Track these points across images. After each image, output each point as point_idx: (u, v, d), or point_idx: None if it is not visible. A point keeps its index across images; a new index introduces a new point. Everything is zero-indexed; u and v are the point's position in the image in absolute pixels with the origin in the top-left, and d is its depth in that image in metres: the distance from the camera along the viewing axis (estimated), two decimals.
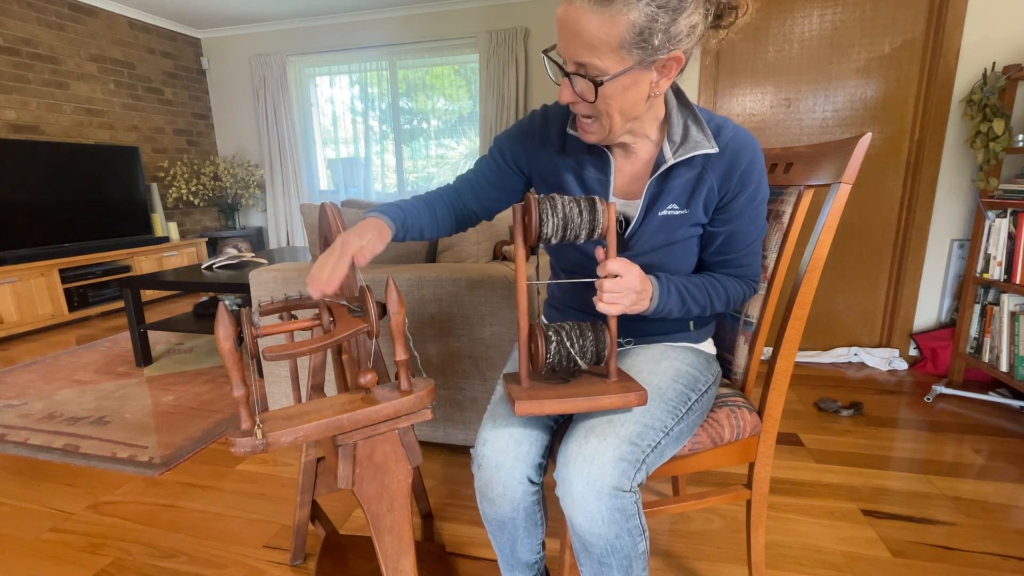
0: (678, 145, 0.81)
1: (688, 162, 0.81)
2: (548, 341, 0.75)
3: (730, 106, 2.44)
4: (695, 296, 0.83)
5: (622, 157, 0.87)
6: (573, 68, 0.72)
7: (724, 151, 0.80)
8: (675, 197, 0.82)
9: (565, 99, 0.76)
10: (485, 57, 4.05)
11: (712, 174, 0.81)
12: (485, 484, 0.84)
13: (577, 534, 0.76)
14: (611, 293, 0.73)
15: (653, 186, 0.83)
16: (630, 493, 0.72)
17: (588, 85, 0.72)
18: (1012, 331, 1.93)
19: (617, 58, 0.69)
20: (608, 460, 0.72)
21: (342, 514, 1.42)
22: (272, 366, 1.77)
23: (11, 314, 3.11)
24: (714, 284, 0.86)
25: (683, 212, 0.83)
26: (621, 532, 0.73)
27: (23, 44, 3.47)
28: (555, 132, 0.90)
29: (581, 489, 0.72)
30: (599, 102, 0.73)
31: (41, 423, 1.99)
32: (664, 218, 0.83)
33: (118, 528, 1.38)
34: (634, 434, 0.74)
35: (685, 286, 0.82)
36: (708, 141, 0.80)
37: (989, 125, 1.96)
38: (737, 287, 0.89)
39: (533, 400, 0.72)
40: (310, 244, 1.76)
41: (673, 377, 0.84)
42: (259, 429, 0.68)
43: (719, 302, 0.86)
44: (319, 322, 0.78)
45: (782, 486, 1.50)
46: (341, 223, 0.88)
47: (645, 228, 0.84)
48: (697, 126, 0.81)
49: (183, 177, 4.50)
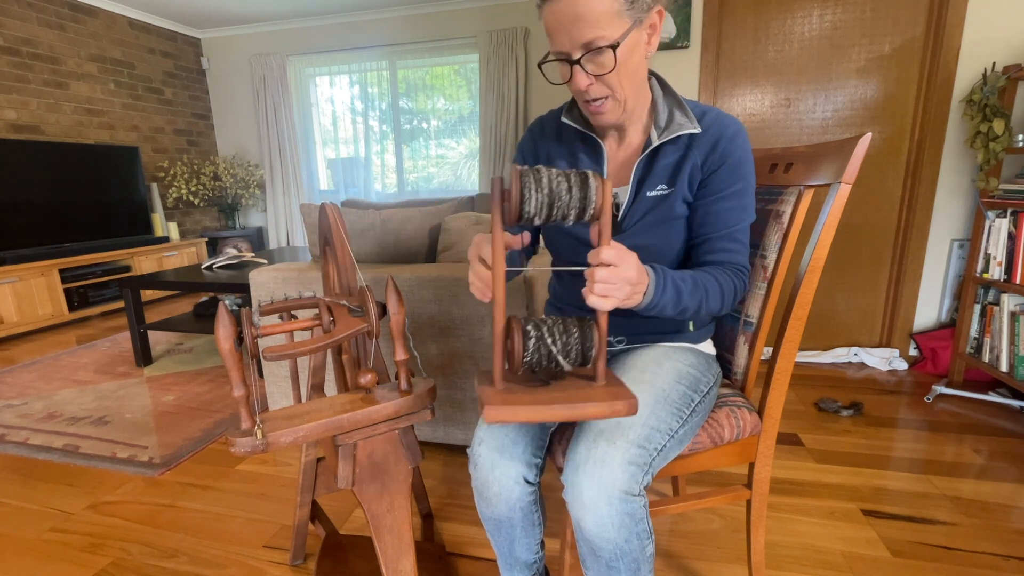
0: (664, 128, 0.85)
1: (674, 143, 0.85)
2: (527, 337, 0.66)
3: (730, 106, 2.44)
4: (691, 290, 0.77)
5: (614, 145, 0.90)
6: (580, 52, 0.75)
7: (707, 130, 0.84)
8: (662, 177, 0.85)
9: (583, 85, 0.77)
10: (485, 57, 4.06)
11: (696, 152, 0.84)
12: (481, 483, 0.84)
13: (586, 539, 0.75)
14: (603, 284, 0.64)
15: (641, 167, 0.86)
16: (639, 497, 0.72)
17: (604, 57, 0.75)
18: (1012, 331, 1.93)
19: (619, 23, 0.73)
20: (618, 464, 0.71)
21: (342, 514, 1.42)
22: (272, 366, 1.77)
23: (11, 314, 3.11)
24: (707, 277, 0.81)
25: (670, 191, 0.85)
26: (630, 536, 0.73)
27: (23, 44, 3.47)
28: (551, 128, 0.95)
29: (592, 494, 0.71)
30: (618, 69, 0.76)
31: (41, 423, 1.99)
32: (653, 199, 0.86)
33: (118, 528, 1.38)
34: (642, 437, 0.74)
35: (682, 278, 0.77)
36: (691, 123, 0.84)
37: (989, 125, 1.96)
38: (727, 278, 0.82)
39: (506, 406, 0.63)
40: (310, 244, 1.76)
41: (676, 379, 0.84)
42: (259, 429, 0.68)
43: (714, 297, 0.80)
44: (319, 322, 0.78)
45: (782, 486, 1.50)
46: (341, 223, 0.88)
47: (635, 210, 0.86)
48: (681, 111, 0.85)
49: (183, 177, 4.50)
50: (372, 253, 1.77)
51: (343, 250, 0.86)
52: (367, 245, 1.76)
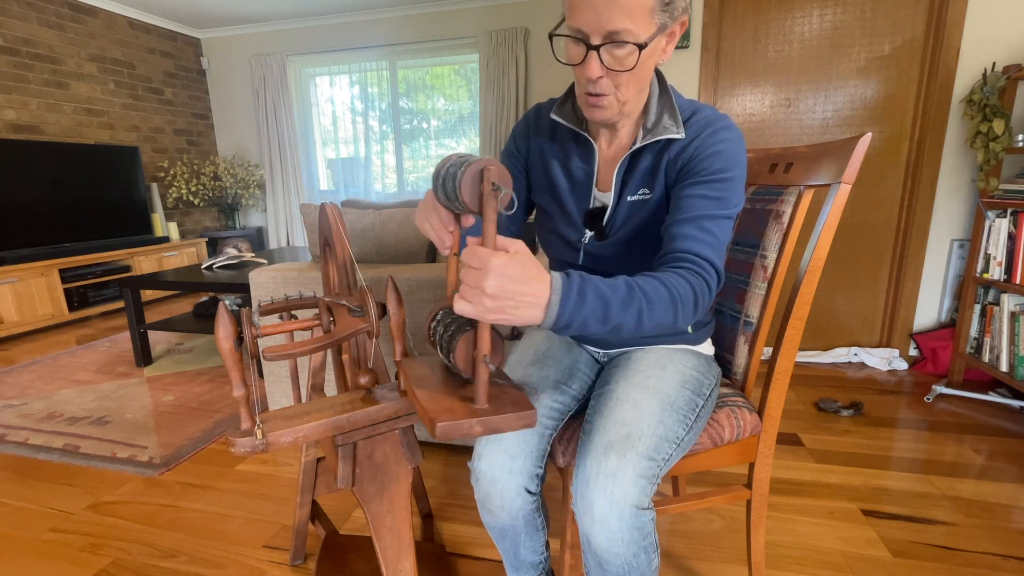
0: (648, 131, 0.82)
1: (653, 146, 0.82)
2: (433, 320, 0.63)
3: (730, 106, 2.44)
4: (623, 301, 0.62)
5: (604, 145, 0.88)
6: (601, 39, 0.69)
7: (689, 131, 0.80)
8: (644, 181, 0.83)
9: (594, 74, 0.72)
10: (485, 57, 4.05)
11: (673, 149, 0.81)
12: (484, 496, 0.84)
13: (594, 552, 0.74)
14: (464, 286, 0.56)
15: (622, 171, 0.84)
16: (648, 510, 0.72)
17: (625, 53, 0.70)
18: (1012, 331, 1.93)
19: (648, 22, 0.69)
20: (629, 478, 0.70)
21: (342, 514, 1.42)
22: (272, 366, 1.77)
23: (11, 314, 3.11)
24: (652, 283, 0.65)
25: (650, 195, 0.83)
26: (638, 550, 0.72)
27: (23, 44, 3.47)
28: (545, 123, 0.92)
29: (603, 509, 0.70)
30: (636, 70, 0.72)
31: (41, 423, 1.99)
32: (634, 203, 0.84)
33: (118, 528, 1.38)
34: (651, 448, 0.73)
35: (612, 287, 0.62)
36: (677, 127, 0.80)
37: (989, 125, 1.96)
38: (682, 282, 0.67)
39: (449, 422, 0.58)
40: (310, 244, 1.76)
41: (680, 383, 0.83)
42: (259, 429, 0.68)
43: (662, 307, 0.64)
44: (319, 322, 0.78)
45: (782, 486, 1.50)
46: (341, 223, 0.88)
47: (618, 214, 0.85)
48: (669, 114, 0.81)
49: (183, 177, 4.50)
50: (372, 253, 1.77)
51: (343, 250, 0.86)
52: (367, 245, 1.76)
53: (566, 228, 0.90)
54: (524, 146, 0.95)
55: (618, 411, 0.77)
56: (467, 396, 0.64)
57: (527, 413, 0.60)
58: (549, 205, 0.93)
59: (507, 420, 0.60)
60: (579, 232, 0.89)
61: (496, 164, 0.57)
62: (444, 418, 0.58)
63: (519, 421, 0.61)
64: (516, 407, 0.61)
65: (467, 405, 0.62)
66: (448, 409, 0.61)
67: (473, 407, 0.61)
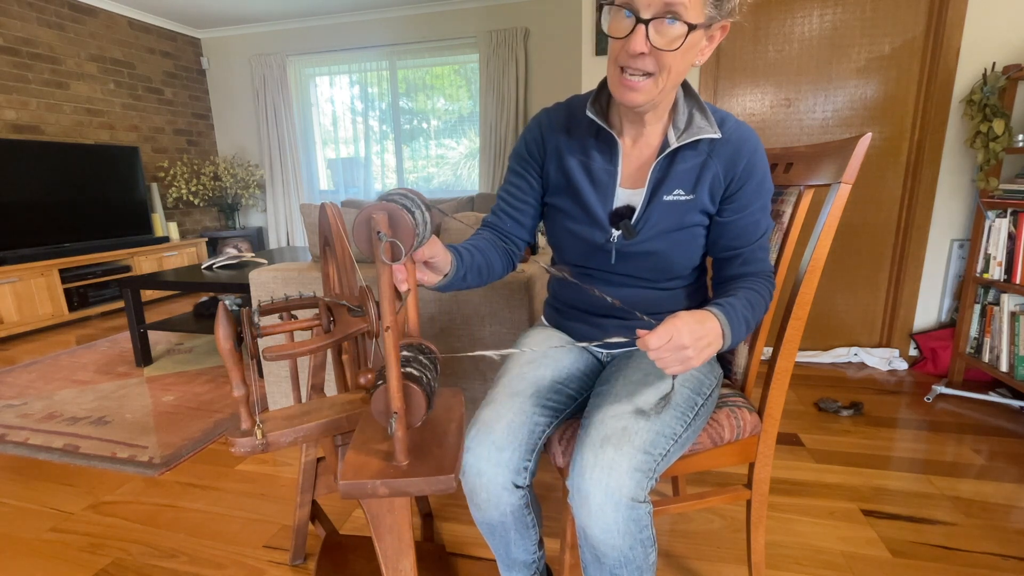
0: (682, 131, 0.82)
1: (693, 147, 0.82)
2: None
3: (730, 106, 2.44)
4: (752, 313, 0.79)
5: (629, 144, 0.87)
6: (654, 12, 0.68)
7: (729, 139, 0.82)
8: (681, 182, 0.82)
9: (638, 49, 0.70)
10: (485, 57, 4.06)
11: (717, 161, 0.82)
12: (470, 490, 0.84)
13: (591, 545, 0.75)
14: (662, 362, 0.67)
15: (658, 170, 0.83)
16: (645, 504, 0.72)
17: (676, 31, 0.69)
18: (1012, 331, 1.93)
19: (700, 11, 0.70)
20: (625, 471, 0.71)
21: (342, 514, 1.42)
22: (272, 366, 1.77)
23: (11, 314, 3.11)
24: (754, 295, 0.81)
25: (689, 197, 0.83)
26: (635, 543, 0.72)
27: (23, 44, 3.47)
28: (559, 123, 0.90)
29: (599, 501, 0.70)
30: (681, 53, 0.71)
31: (41, 423, 1.99)
32: (670, 204, 0.83)
33: (118, 528, 1.38)
34: (648, 443, 0.74)
35: (745, 305, 0.78)
36: (712, 127, 0.81)
37: (989, 125, 1.96)
38: (765, 286, 0.84)
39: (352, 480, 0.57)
40: (310, 244, 1.76)
41: (680, 381, 0.84)
42: (259, 429, 0.68)
43: (761, 310, 0.82)
44: (319, 322, 0.78)
45: (782, 486, 1.50)
46: (341, 223, 0.88)
47: (650, 214, 0.84)
48: (701, 114, 0.82)
49: (183, 177, 4.50)
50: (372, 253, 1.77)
51: (343, 250, 0.86)
52: None
53: (588, 228, 0.88)
54: (539, 147, 0.92)
55: (616, 406, 0.78)
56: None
57: (443, 478, 0.57)
58: (567, 205, 0.90)
59: (415, 484, 0.57)
60: (605, 232, 0.87)
61: (389, 208, 0.55)
62: (348, 476, 0.56)
63: (429, 486, 0.57)
64: (436, 470, 0.57)
65: (386, 463, 0.59)
66: (362, 465, 0.58)
67: (393, 464, 0.58)
